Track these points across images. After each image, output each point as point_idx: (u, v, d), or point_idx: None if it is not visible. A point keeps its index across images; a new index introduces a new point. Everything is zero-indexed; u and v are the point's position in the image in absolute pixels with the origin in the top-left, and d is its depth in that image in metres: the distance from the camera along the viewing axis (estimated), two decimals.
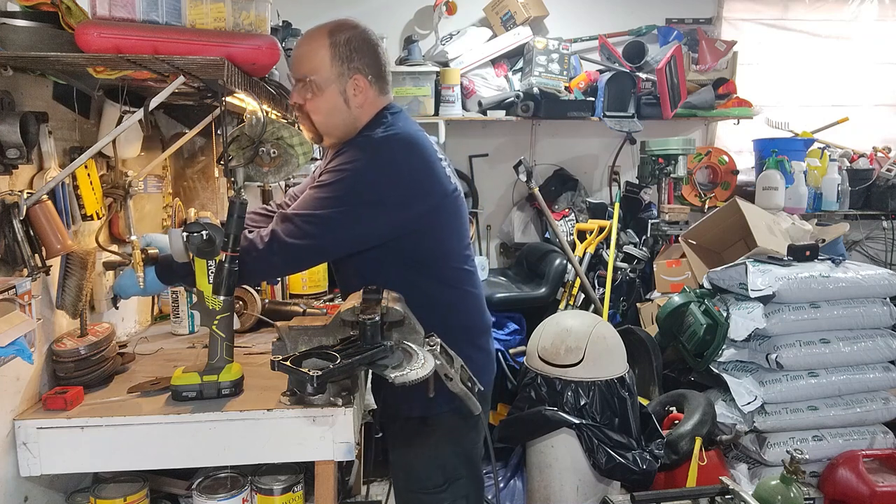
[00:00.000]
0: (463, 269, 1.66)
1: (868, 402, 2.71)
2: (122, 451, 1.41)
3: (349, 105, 1.56)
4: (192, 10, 1.32)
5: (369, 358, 1.25)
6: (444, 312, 1.58)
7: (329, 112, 1.56)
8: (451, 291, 1.63)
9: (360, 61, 1.55)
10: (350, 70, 1.54)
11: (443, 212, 1.58)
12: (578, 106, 3.58)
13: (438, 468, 1.64)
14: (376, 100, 1.59)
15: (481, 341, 1.71)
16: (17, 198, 1.34)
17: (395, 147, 1.52)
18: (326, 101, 1.55)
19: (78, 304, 1.55)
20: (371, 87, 1.57)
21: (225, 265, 1.41)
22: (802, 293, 2.62)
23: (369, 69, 1.56)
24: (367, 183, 1.47)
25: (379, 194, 1.48)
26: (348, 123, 1.58)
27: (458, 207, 1.63)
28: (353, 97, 1.55)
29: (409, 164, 1.51)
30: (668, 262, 3.40)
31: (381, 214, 1.49)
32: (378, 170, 1.48)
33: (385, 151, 1.51)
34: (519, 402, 2.55)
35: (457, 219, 1.63)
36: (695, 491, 2.19)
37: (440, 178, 1.56)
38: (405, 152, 1.52)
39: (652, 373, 3.02)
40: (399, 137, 1.54)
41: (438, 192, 1.56)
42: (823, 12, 4.08)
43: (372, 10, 3.72)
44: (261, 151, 1.58)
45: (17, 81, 1.43)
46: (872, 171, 3.85)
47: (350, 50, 1.54)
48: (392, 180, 1.49)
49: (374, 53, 1.58)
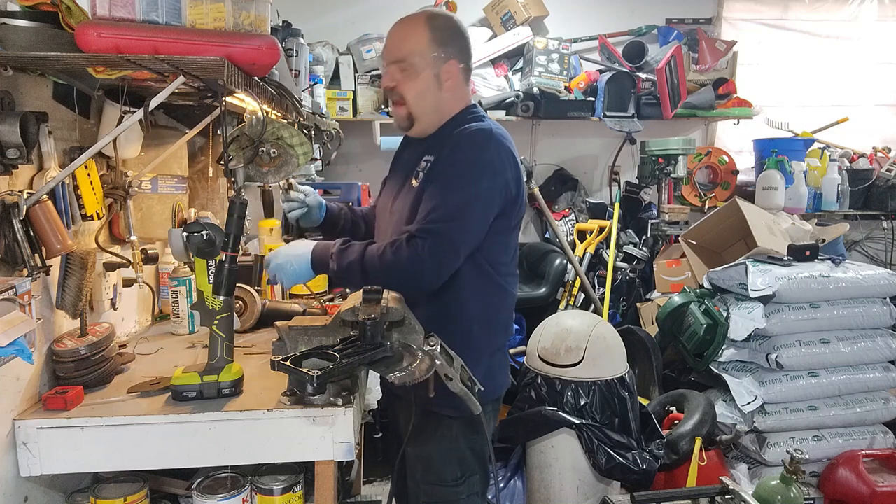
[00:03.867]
0: (512, 272, 1.71)
1: (868, 402, 2.71)
2: (122, 451, 1.41)
3: (441, 88, 1.60)
4: (192, 10, 1.32)
5: (369, 358, 1.25)
6: (492, 311, 1.64)
7: (422, 93, 1.60)
8: (503, 292, 1.67)
9: (454, 48, 1.61)
10: (446, 54, 1.59)
11: (521, 211, 1.66)
12: (578, 106, 3.58)
13: (457, 462, 1.66)
14: (463, 90, 1.65)
15: (506, 341, 1.76)
16: (17, 198, 1.34)
17: (504, 143, 1.59)
18: (422, 82, 1.59)
19: (78, 304, 1.55)
20: (461, 75, 1.63)
21: (225, 265, 1.41)
22: (802, 293, 2.62)
23: (462, 56, 1.62)
24: (496, 172, 1.54)
25: (504, 183, 1.55)
26: (439, 108, 1.62)
27: (523, 210, 1.71)
28: (445, 81, 1.60)
29: (514, 160, 1.60)
30: (668, 262, 3.40)
31: (501, 204, 1.55)
32: (501, 160, 1.55)
33: (502, 145, 1.58)
34: (519, 402, 2.55)
35: (520, 222, 1.71)
36: (695, 491, 2.19)
37: (523, 181, 1.65)
38: (509, 149, 1.60)
39: (652, 373, 3.02)
40: (503, 134, 1.61)
41: (524, 190, 1.67)
42: (823, 12, 4.09)
43: (372, 10, 3.72)
44: (261, 151, 1.59)
45: (17, 81, 1.43)
46: (872, 171, 3.85)
47: (448, 35, 1.60)
48: (509, 172, 1.56)
49: (466, 43, 1.65)
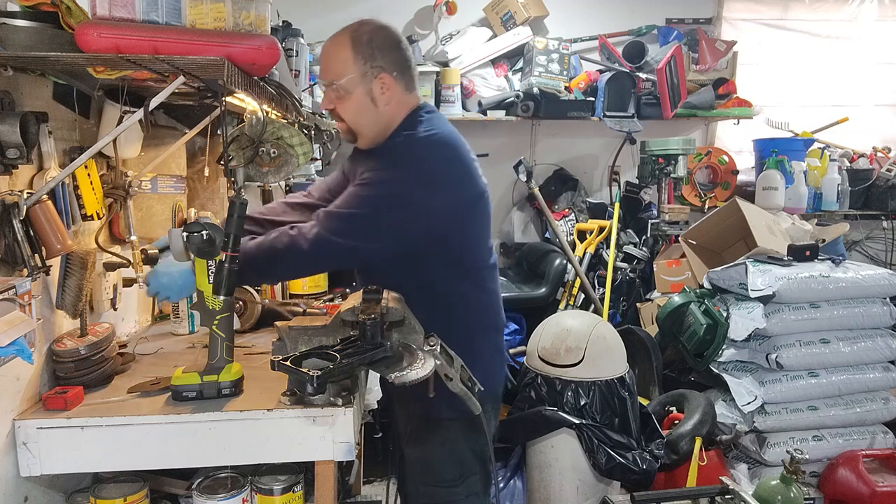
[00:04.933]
0: (488, 266, 1.69)
1: (868, 402, 2.71)
2: (122, 451, 1.41)
3: (377, 104, 1.56)
4: (192, 10, 1.32)
5: (369, 358, 1.25)
6: (467, 312, 1.62)
7: (358, 112, 1.57)
8: (477, 291, 1.66)
9: (383, 59, 1.55)
10: (374, 69, 1.54)
11: (478, 212, 1.62)
12: (578, 106, 3.58)
13: (456, 463, 1.66)
14: (405, 97, 1.60)
15: (497, 339, 1.74)
16: (17, 198, 1.34)
17: (437, 147, 1.54)
18: (354, 102, 1.55)
19: (78, 304, 1.55)
20: (397, 84, 1.57)
21: (225, 265, 1.41)
22: (802, 293, 2.62)
23: (393, 66, 1.56)
24: (412, 182, 1.49)
25: (423, 194, 1.49)
26: (379, 122, 1.58)
27: (488, 207, 1.67)
28: (380, 96, 1.56)
29: (450, 164, 1.55)
30: (668, 262, 3.40)
31: (423, 214, 1.51)
32: (422, 170, 1.51)
33: (428, 151, 1.53)
34: (519, 402, 2.55)
35: (486, 218, 1.67)
36: (695, 491, 2.19)
37: (476, 179, 1.59)
38: (446, 152, 1.55)
39: (652, 373, 3.02)
40: (439, 138, 1.55)
41: (476, 193, 1.59)
42: (823, 12, 4.09)
43: (372, 10, 3.71)
44: (261, 151, 1.59)
45: (17, 81, 1.43)
46: (872, 171, 3.85)
47: (373, 49, 1.54)
48: (435, 180, 1.51)
49: (397, 50, 1.58)
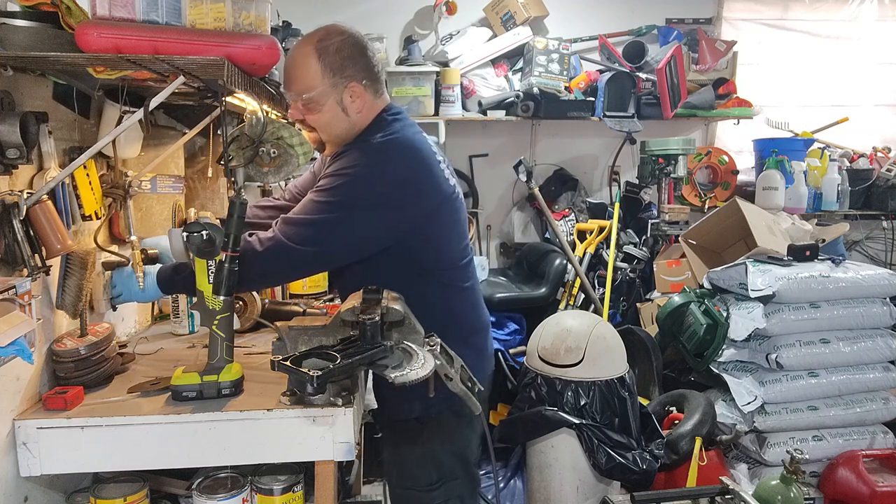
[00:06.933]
0: (458, 266, 1.65)
1: (868, 402, 2.71)
2: (122, 451, 1.41)
3: (348, 113, 1.54)
4: (192, 10, 1.32)
5: (369, 358, 1.25)
6: (436, 311, 1.56)
7: (330, 124, 1.55)
8: (445, 291, 1.63)
9: (352, 68, 1.52)
10: (344, 79, 1.52)
11: (441, 215, 1.58)
12: (578, 106, 3.58)
13: (433, 467, 1.64)
14: (373, 102, 1.58)
15: (474, 339, 1.69)
16: (17, 198, 1.34)
17: (393, 152, 1.51)
18: (326, 114, 1.53)
19: (78, 304, 1.55)
20: (367, 91, 1.55)
21: (225, 265, 1.41)
22: (802, 293, 2.62)
23: (363, 74, 1.54)
24: (367, 188, 1.47)
25: (378, 199, 1.47)
26: (349, 130, 1.57)
27: (456, 210, 1.62)
28: (350, 105, 1.54)
29: (407, 169, 1.51)
30: (668, 262, 3.40)
31: (380, 219, 1.49)
32: (377, 175, 1.48)
33: (383, 156, 1.50)
34: (519, 402, 2.55)
35: (455, 221, 1.63)
36: (695, 491, 2.19)
37: (439, 182, 1.56)
38: (403, 157, 1.52)
39: (652, 373, 3.02)
40: (397, 142, 1.53)
41: (437, 196, 1.55)
42: (823, 12, 4.08)
43: (372, 10, 3.72)
44: (261, 151, 1.59)
45: (17, 81, 1.43)
46: (872, 171, 3.85)
47: (341, 59, 1.51)
48: (391, 185, 1.48)
49: (364, 57, 1.55)
